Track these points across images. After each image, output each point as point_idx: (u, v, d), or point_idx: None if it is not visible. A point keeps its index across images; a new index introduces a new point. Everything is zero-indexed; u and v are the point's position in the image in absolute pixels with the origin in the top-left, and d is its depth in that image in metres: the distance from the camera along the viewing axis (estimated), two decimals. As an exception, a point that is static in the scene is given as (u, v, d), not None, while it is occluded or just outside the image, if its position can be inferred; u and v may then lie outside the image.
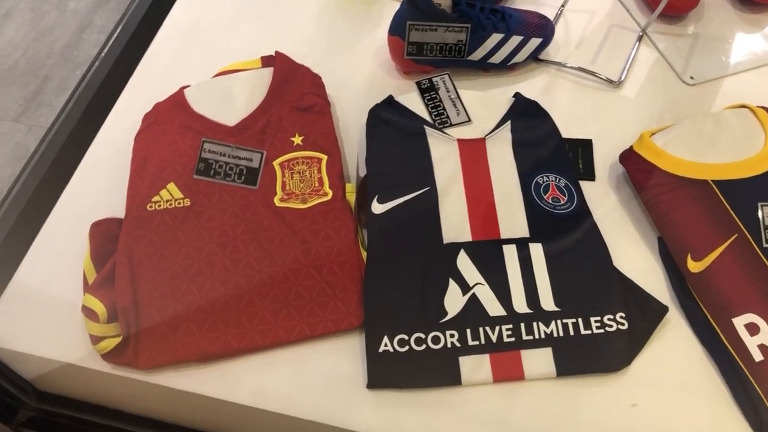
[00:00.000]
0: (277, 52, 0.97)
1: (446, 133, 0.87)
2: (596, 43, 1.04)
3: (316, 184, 0.85)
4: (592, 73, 1.00)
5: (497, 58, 0.97)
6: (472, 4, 0.95)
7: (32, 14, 1.65)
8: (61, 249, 0.84)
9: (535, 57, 1.00)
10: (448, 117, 0.89)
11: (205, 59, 1.02)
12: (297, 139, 0.88)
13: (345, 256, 0.80)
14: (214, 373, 0.75)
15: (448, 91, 0.92)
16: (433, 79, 0.93)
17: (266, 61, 0.97)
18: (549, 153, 0.87)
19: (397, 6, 1.05)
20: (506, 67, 0.99)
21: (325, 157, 0.87)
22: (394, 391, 0.73)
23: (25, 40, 1.60)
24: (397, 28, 0.95)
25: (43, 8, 1.66)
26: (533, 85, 0.99)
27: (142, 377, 0.75)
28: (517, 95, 0.93)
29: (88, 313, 0.75)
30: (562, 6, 1.08)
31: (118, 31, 1.34)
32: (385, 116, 0.89)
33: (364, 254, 0.80)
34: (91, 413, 0.87)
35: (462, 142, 0.86)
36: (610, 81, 0.99)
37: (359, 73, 1.01)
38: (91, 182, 0.91)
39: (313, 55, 1.01)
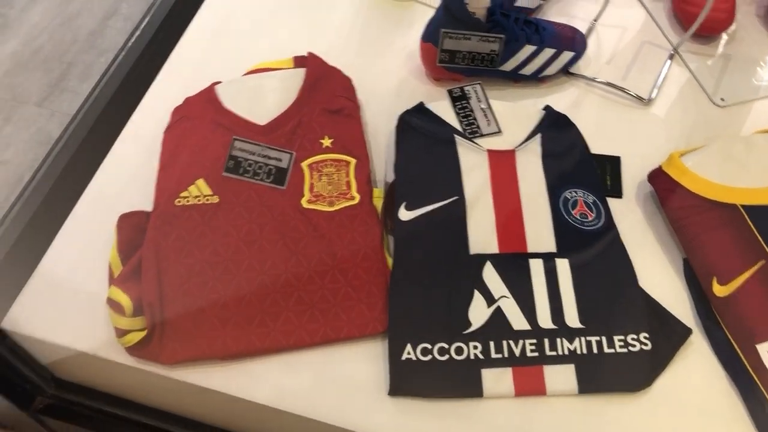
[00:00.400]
0: (309, 54, 0.97)
1: (476, 143, 0.87)
2: (627, 59, 1.04)
3: (344, 188, 0.85)
4: (622, 90, 1.00)
5: (528, 70, 0.97)
6: (507, 15, 0.95)
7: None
8: (86, 239, 0.85)
9: (565, 70, 1.00)
10: (478, 127, 0.89)
11: (235, 56, 1.02)
12: (326, 142, 0.89)
13: (371, 261, 0.80)
14: (235, 371, 0.75)
15: (479, 101, 0.92)
16: (465, 88, 0.93)
17: (298, 61, 0.97)
18: (578, 168, 0.87)
19: (429, 11, 1.05)
20: (537, 79, 0.99)
21: (353, 161, 0.87)
22: (415, 399, 0.73)
23: (51, 25, 1.60)
24: (430, 35, 0.95)
25: (69, -6, 1.67)
26: (563, 99, 0.99)
27: (164, 372, 0.75)
28: (547, 108, 0.93)
29: (114, 305, 0.75)
30: (594, 20, 1.08)
31: (146, 21, 1.35)
32: (415, 123, 0.89)
33: (389, 260, 0.80)
34: (109, 403, 0.87)
35: (492, 153, 0.86)
36: (640, 98, 0.99)
37: (389, 78, 1.01)
38: (118, 174, 0.91)
39: (344, 57, 1.01)
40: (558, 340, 0.74)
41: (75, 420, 0.89)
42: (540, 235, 0.81)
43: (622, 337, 0.75)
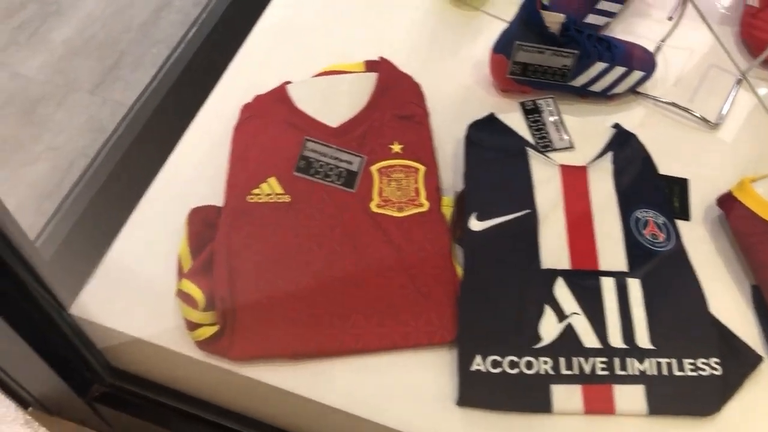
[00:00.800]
0: (381, 59, 0.97)
1: (548, 157, 0.87)
2: (694, 81, 1.04)
3: (413, 194, 0.85)
4: (689, 112, 0.99)
5: (598, 87, 0.97)
6: (580, 31, 0.94)
7: (112, -12, 1.66)
8: (154, 230, 0.85)
9: (633, 89, 1.00)
10: (550, 141, 0.89)
11: (301, 55, 1.03)
12: (396, 147, 0.89)
13: (440, 269, 0.80)
14: (302, 370, 0.75)
15: (552, 115, 0.92)
16: (538, 101, 0.93)
17: (370, 65, 0.97)
18: (649, 189, 0.87)
19: (494, 21, 1.05)
20: (605, 96, 0.99)
21: (422, 168, 0.87)
22: (481, 411, 0.73)
23: (104, 14, 1.61)
24: (503, 47, 0.95)
25: (122, -17, 1.68)
26: (630, 117, 0.98)
27: (231, 367, 0.76)
28: (617, 126, 0.93)
29: (186, 298, 0.75)
30: (662, 41, 1.08)
31: (204, 15, 1.36)
32: (486, 133, 0.90)
33: (458, 269, 0.80)
34: (165, 395, 0.88)
35: (564, 168, 0.86)
36: (706, 121, 0.99)
37: (455, 86, 1.01)
38: (186, 166, 0.91)
39: (410, 63, 1.01)
40: (628, 359, 0.74)
41: (129, 410, 0.89)
42: (612, 253, 0.80)
43: (692, 361, 0.74)
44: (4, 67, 1.51)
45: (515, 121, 0.92)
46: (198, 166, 0.91)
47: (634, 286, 0.78)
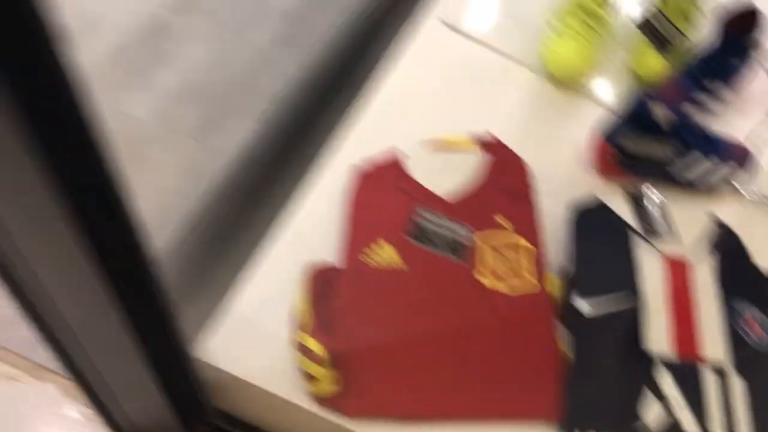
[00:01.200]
0: (496, 139, 1.02)
1: (653, 245, 0.91)
2: (789, 178, 1.07)
3: (520, 271, 0.89)
4: (785, 209, 1.02)
5: (697, 179, 1.01)
6: (684, 124, 0.99)
7: (216, 39, 1.76)
8: (272, 284, 0.90)
9: (730, 182, 1.03)
10: (655, 230, 0.93)
11: (414, 125, 1.07)
12: (506, 224, 0.93)
13: (545, 348, 0.83)
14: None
15: (656, 205, 0.96)
16: (643, 190, 0.97)
17: (478, 141, 1.02)
18: (749, 285, 0.90)
19: (597, 109, 1.10)
20: (703, 187, 1.02)
21: (530, 246, 0.91)
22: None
23: (207, 62, 1.71)
24: (608, 134, 0.99)
25: (224, 36, 1.78)
26: (726, 210, 1.01)
27: (342, 422, 0.79)
28: (716, 219, 0.96)
29: (307, 352, 0.80)
30: (758, 136, 1.11)
31: (306, 76, 1.43)
32: (593, 218, 0.93)
33: (562, 349, 0.84)
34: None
35: (668, 258, 0.90)
36: (802, 220, 1.01)
37: (555, 166, 1.05)
38: (304, 224, 0.96)
39: (512, 140, 1.05)
40: (730, 455, 0.76)
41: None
42: (714, 347, 0.83)
43: (793, 464, 0.76)
44: (113, 105, 1.60)
45: (620, 207, 0.96)
46: (315, 224, 0.96)
47: (737, 383, 0.81)
